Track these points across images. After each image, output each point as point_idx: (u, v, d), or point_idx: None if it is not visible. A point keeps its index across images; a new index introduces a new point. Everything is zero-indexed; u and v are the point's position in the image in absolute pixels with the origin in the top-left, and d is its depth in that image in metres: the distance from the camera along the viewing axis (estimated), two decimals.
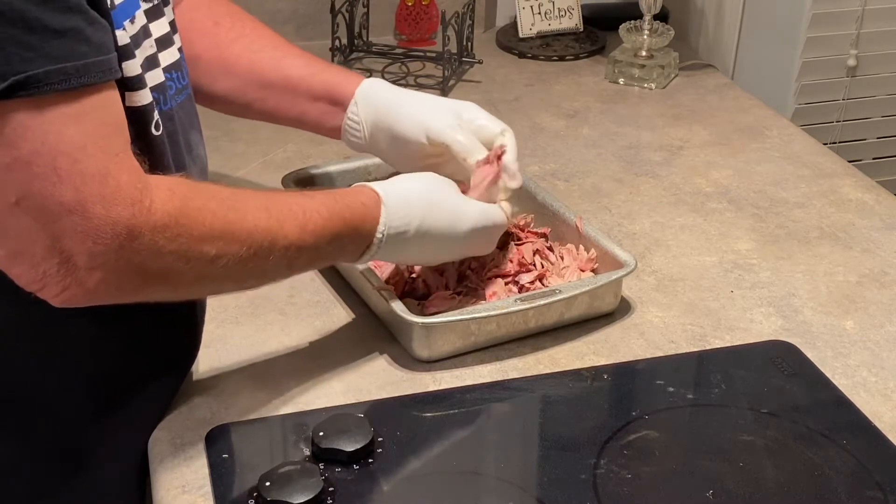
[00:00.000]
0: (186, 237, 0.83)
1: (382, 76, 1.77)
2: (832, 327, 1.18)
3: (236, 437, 0.99)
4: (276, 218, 0.91)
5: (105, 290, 0.81)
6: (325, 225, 0.95)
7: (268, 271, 0.93)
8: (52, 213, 0.77)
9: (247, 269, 0.89)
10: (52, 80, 0.75)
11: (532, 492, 0.95)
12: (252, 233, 0.88)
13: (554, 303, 1.11)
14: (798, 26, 2.03)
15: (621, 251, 1.17)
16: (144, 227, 0.80)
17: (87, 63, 0.77)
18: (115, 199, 0.78)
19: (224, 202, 0.88)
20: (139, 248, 0.80)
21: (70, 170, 0.76)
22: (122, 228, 0.78)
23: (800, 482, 0.96)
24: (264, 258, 0.90)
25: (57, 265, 0.78)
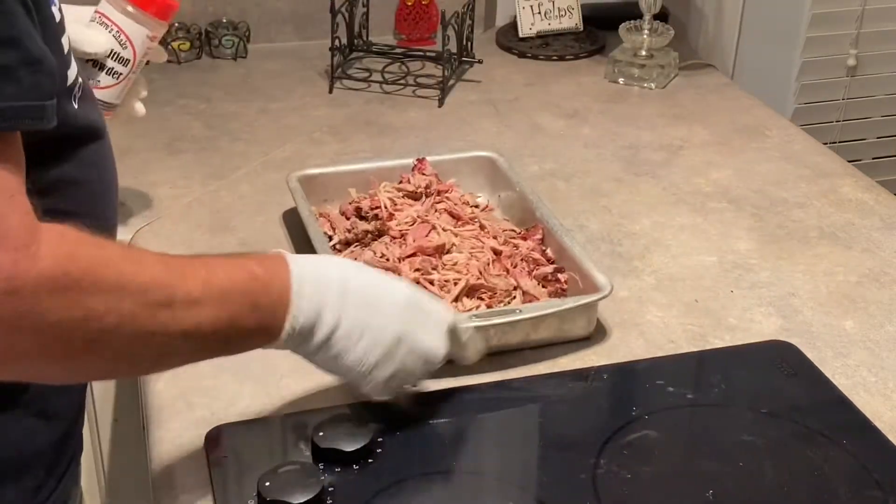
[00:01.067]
0: (74, 289, 0.73)
1: (382, 76, 1.77)
2: (832, 327, 1.18)
3: (236, 437, 0.99)
4: (177, 272, 0.80)
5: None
6: (230, 278, 0.83)
7: (173, 340, 0.80)
8: None
9: (145, 332, 0.78)
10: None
11: (532, 492, 0.95)
12: (148, 286, 0.77)
13: (511, 322, 1.08)
14: (798, 26, 2.03)
15: (600, 275, 1.13)
16: (28, 275, 0.71)
17: (14, 106, 0.71)
18: (1, 241, 0.70)
19: (117, 252, 0.79)
20: (17, 301, 0.71)
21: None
22: (3, 276, 0.70)
23: (800, 482, 0.96)
24: (165, 317, 0.78)
25: None
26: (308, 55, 1.86)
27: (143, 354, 0.80)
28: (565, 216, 1.36)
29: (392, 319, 0.92)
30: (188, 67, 1.82)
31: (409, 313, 0.94)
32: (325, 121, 1.64)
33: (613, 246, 1.33)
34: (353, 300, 0.90)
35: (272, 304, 0.87)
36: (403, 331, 0.93)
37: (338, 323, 0.89)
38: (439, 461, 0.97)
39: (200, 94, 1.72)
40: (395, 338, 0.92)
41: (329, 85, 1.74)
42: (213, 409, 1.04)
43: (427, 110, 1.69)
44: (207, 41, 1.85)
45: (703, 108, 1.72)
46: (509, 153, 1.47)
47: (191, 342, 0.82)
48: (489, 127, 1.64)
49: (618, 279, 1.23)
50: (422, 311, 0.95)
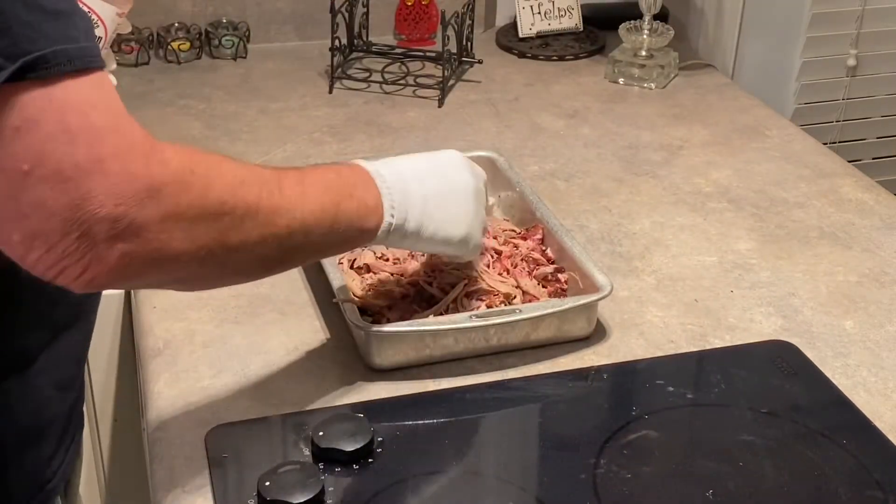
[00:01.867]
0: (204, 184, 0.80)
1: (382, 76, 1.77)
2: (832, 327, 1.18)
3: (236, 437, 0.99)
4: (269, 168, 0.90)
5: (127, 264, 0.76)
6: (326, 178, 0.93)
7: (290, 229, 0.88)
8: (67, 178, 0.73)
9: (268, 221, 0.85)
10: (59, 61, 0.73)
11: (532, 492, 0.95)
12: (261, 176, 0.86)
13: (511, 322, 1.09)
14: (798, 26, 2.03)
15: (600, 275, 1.13)
16: (163, 179, 0.76)
17: (82, 47, 0.74)
18: (131, 152, 0.75)
19: (229, 158, 0.86)
20: (160, 203, 0.76)
21: (81, 125, 0.73)
22: (142, 183, 0.75)
23: (800, 482, 0.96)
24: (281, 203, 0.86)
25: (76, 241, 0.74)
26: (308, 55, 1.86)
27: (267, 244, 0.86)
28: (565, 216, 1.36)
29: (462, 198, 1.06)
30: (188, 67, 1.82)
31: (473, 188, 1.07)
32: (325, 121, 1.64)
33: (613, 246, 1.33)
34: (433, 206, 1.02)
35: (365, 195, 0.96)
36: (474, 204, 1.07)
37: (423, 211, 1.01)
38: (439, 461, 0.97)
39: (200, 94, 1.72)
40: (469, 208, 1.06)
41: (329, 85, 1.74)
42: (213, 409, 1.04)
43: (427, 110, 1.69)
44: (207, 41, 1.86)
45: (703, 108, 1.72)
46: (509, 153, 1.47)
47: (310, 220, 0.90)
48: (489, 127, 1.64)
49: (618, 279, 1.23)
50: None
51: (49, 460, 0.96)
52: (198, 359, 1.10)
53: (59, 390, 0.95)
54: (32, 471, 0.94)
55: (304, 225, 0.89)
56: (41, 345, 0.92)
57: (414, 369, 1.08)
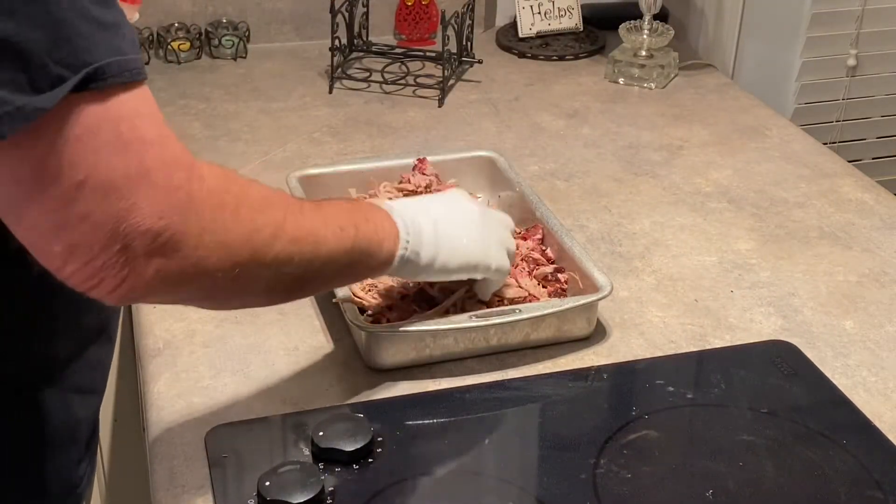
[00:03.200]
0: (235, 205, 0.81)
1: (382, 76, 1.77)
2: (832, 327, 1.18)
3: (236, 437, 0.99)
4: (300, 199, 0.92)
5: (163, 279, 0.78)
6: (343, 205, 0.97)
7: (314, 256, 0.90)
8: (118, 188, 0.74)
9: (294, 242, 0.87)
10: (114, 72, 0.74)
11: (532, 492, 0.95)
12: (286, 200, 0.89)
13: (511, 322, 1.09)
14: (798, 26, 2.03)
15: (600, 275, 1.13)
16: (202, 192, 0.78)
17: (129, 59, 0.75)
18: (175, 162, 0.77)
19: (256, 181, 0.87)
20: (198, 219, 0.78)
21: (131, 136, 0.74)
22: (184, 195, 0.76)
23: (800, 482, 0.96)
24: (305, 226, 0.89)
25: (117, 253, 0.75)
26: (308, 55, 1.86)
27: (293, 264, 0.88)
28: (565, 216, 1.36)
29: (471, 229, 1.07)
30: (188, 67, 1.82)
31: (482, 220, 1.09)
32: (325, 121, 1.64)
33: (613, 246, 1.33)
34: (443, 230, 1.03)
35: (383, 221, 0.99)
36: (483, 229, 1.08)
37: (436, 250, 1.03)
38: (439, 461, 0.97)
39: (200, 94, 1.72)
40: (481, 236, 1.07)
41: (329, 85, 1.74)
42: (213, 409, 1.04)
43: (427, 110, 1.69)
44: (207, 41, 1.85)
45: (703, 108, 1.72)
46: (509, 153, 1.47)
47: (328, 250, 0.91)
48: (489, 127, 1.64)
49: (618, 279, 1.23)
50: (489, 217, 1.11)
51: (78, 463, 0.97)
52: (198, 359, 1.10)
53: (84, 395, 0.96)
54: (65, 475, 0.95)
55: (326, 245, 0.91)
56: (69, 352, 0.93)
57: (414, 369, 1.08)
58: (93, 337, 0.95)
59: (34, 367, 0.91)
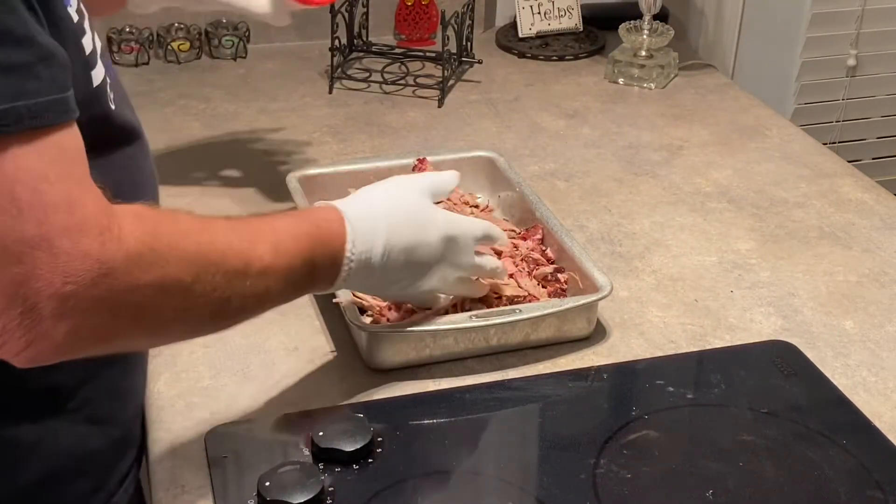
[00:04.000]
0: (161, 264, 0.76)
1: (382, 76, 1.77)
2: (832, 327, 1.18)
3: (236, 437, 0.99)
4: (247, 239, 0.85)
5: (75, 341, 0.73)
6: (295, 243, 0.89)
7: (246, 302, 0.85)
8: (12, 252, 0.69)
9: (224, 297, 0.82)
10: (3, 122, 0.69)
11: (532, 492, 0.95)
12: (225, 254, 0.82)
13: (511, 322, 1.08)
14: (798, 26, 2.03)
15: (600, 275, 1.13)
16: (117, 258, 0.73)
17: (40, 102, 0.70)
18: (82, 229, 0.71)
19: (192, 224, 0.82)
20: (112, 282, 0.73)
21: (31, 200, 0.69)
22: (94, 262, 0.71)
23: (800, 482, 0.96)
24: (241, 284, 0.83)
25: (19, 316, 0.70)
26: (308, 55, 1.86)
27: (218, 316, 0.85)
28: (565, 216, 1.36)
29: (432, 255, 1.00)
30: (188, 67, 1.82)
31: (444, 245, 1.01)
32: (325, 121, 1.64)
33: (613, 246, 1.33)
34: (395, 256, 0.97)
35: (331, 260, 0.93)
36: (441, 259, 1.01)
37: (384, 269, 0.97)
38: (439, 461, 0.97)
39: (200, 94, 1.72)
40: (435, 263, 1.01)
41: (329, 85, 1.74)
42: (213, 409, 1.04)
43: (427, 110, 1.69)
44: (207, 41, 1.85)
45: (703, 108, 1.72)
46: (509, 153, 1.47)
47: (262, 300, 0.88)
48: (489, 127, 1.64)
49: (618, 279, 1.23)
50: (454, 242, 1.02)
51: (94, 492, 0.95)
52: (198, 359, 1.10)
53: (99, 426, 0.94)
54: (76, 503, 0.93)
55: (256, 302, 0.87)
56: (76, 381, 0.90)
57: (414, 369, 1.08)
58: (104, 366, 0.91)
59: (35, 397, 0.88)
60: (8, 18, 0.70)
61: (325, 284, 0.95)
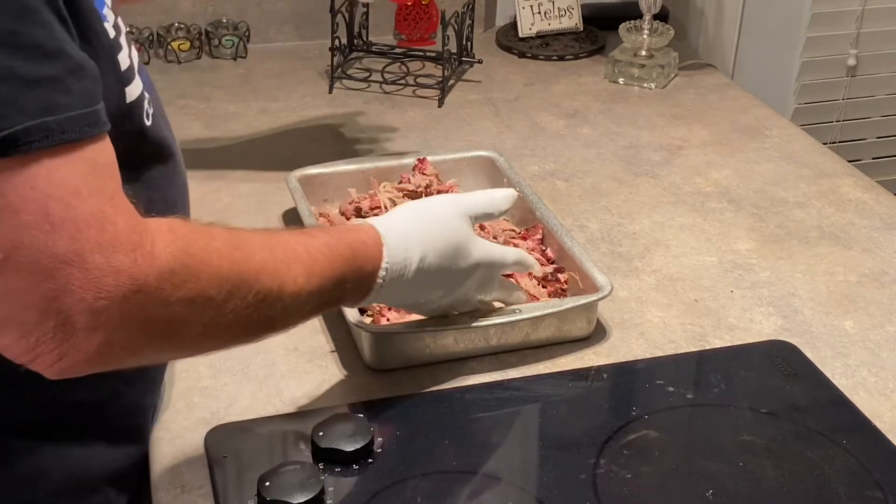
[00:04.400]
0: (194, 281, 0.76)
1: (382, 76, 1.77)
2: (832, 327, 1.18)
3: (236, 437, 0.99)
4: (282, 259, 0.84)
5: (107, 353, 0.73)
6: (329, 266, 0.89)
7: (275, 320, 0.85)
8: (45, 268, 0.69)
9: (255, 315, 0.82)
10: (33, 138, 0.68)
11: (532, 492, 0.95)
12: (259, 274, 0.81)
13: (511, 322, 1.08)
14: (798, 26, 2.03)
15: (600, 275, 1.13)
16: (149, 274, 0.73)
17: (70, 116, 0.70)
18: (114, 245, 0.71)
19: (227, 242, 0.81)
20: (144, 298, 0.73)
21: (63, 216, 0.69)
22: (126, 277, 0.71)
23: (800, 482, 0.96)
24: (273, 303, 0.83)
25: (52, 330, 0.70)
26: (308, 55, 1.86)
27: (248, 332, 0.84)
28: (565, 216, 1.36)
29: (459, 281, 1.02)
30: (188, 67, 1.82)
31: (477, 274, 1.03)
32: (325, 121, 1.64)
33: (613, 246, 1.33)
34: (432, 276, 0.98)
35: (361, 284, 0.93)
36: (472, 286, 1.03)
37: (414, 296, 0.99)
38: (439, 461, 0.97)
39: (200, 94, 1.72)
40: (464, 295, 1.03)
41: (329, 85, 1.74)
42: (213, 409, 1.04)
43: (427, 110, 1.69)
44: (207, 41, 1.85)
45: (703, 108, 1.72)
46: (509, 153, 1.47)
47: (293, 318, 0.88)
48: (489, 127, 1.64)
49: (618, 279, 1.23)
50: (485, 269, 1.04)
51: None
52: (198, 359, 1.10)
53: (107, 441, 0.93)
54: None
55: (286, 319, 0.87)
56: (98, 399, 0.90)
57: (414, 369, 1.08)
58: (128, 384, 0.92)
59: (56, 413, 0.88)
60: (38, 31, 0.70)
61: (352, 303, 0.97)
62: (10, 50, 0.68)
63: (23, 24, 0.69)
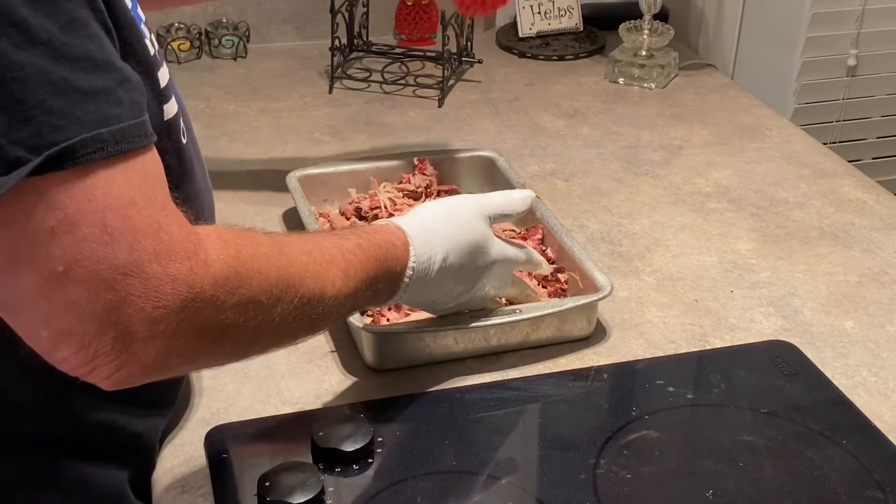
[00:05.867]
0: (246, 287, 0.77)
1: (382, 76, 1.77)
2: (832, 327, 1.18)
3: (236, 437, 0.99)
4: (321, 263, 0.86)
5: (162, 362, 0.74)
6: (363, 268, 0.91)
7: (316, 322, 0.87)
8: (105, 279, 0.69)
9: (299, 317, 0.84)
10: (89, 149, 0.69)
11: (532, 492, 0.95)
12: (304, 278, 0.83)
13: (511, 322, 1.09)
14: (798, 26, 2.03)
15: (600, 275, 1.13)
16: (205, 282, 0.74)
17: (123, 127, 0.71)
18: (170, 254, 0.72)
19: (272, 247, 0.82)
20: (200, 305, 0.73)
21: (121, 227, 0.70)
22: (183, 285, 0.72)
23: (800, 482, 0.96)
24: (315, 306, 0.85)
25: (112, 341, 0.71)
26: (308, 55, 1.86)
27: (292, 334, 0.86)
28: (565, 216, 1.36)
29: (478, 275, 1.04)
30: (188, 67, 1.82)
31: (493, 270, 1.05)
32: (325, 121, 1.64)
33: (613, 246, 1.33)
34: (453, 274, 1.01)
35: (390, 284, 0.95)
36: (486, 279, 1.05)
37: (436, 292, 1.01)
38: (439, 461, 0.97)
39: (200, 94, 1.72)
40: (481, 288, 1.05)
41: (329, 85, 1.74)
42: (213, 409, 1.04)
43: (427, 110, 1.69)
44: (207, 41, 1.85)
45: (703, 108, 1.72)
46: (509, 153, 1.47)
47: (330, 320, 0.90)
48: (489, 127, 1.64)
49: (618, 279, 1.23)
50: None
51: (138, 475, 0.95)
52: None
53: (143, 464, 0.95)
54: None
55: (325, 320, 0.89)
56: (125, 420, 0.91)
57: (414, 369, 1.08)
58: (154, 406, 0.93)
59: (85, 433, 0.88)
60: (88, 43, 0.71)
61: (378, 303, 0.99)
62: (64, 62, 0.69)
63: (74, 37, 0.70)
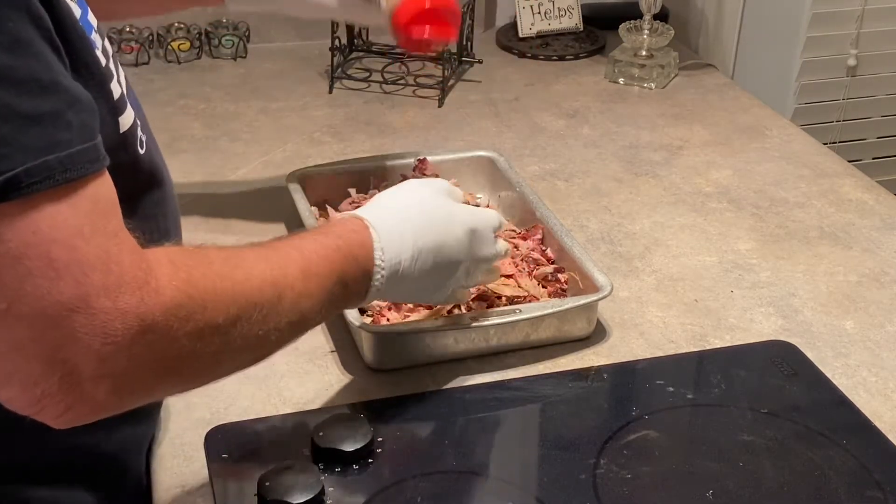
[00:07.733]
0: (200, 312, 0.73)
1: (382, 76, 1.77)
2: (832, 327, 1.18)
3: (236, 437, 0.99)
4: (278, 266, 0.82)
5: (115, 398, 0.71)
6: (325, 263, 0.87)
7: (283, 330, 0.83)
8: (49, 317, 0.66)
9: (262, 332, 0.79)
10: (35, 179, 0.65)
11: (532, 492, 0.95)
12: (262, 289, 0.79)
13: (511, 322, 1.08)
14: (798, 26, 2.03)
15: (600, 275, 1.13)
16: (156, 312, 0.69)
17: (72, 153, 0.67)
18: (120, 286, 0.68)
19: (226, 263, 0.78)
20: (152, 338, 0.70)
21: (67, 259, 0.66)
22: (133, 319, 0.68)
23: (800, 482, 0.96)
24: (277, 315, 0.81)
25: (58, 381, 0.67)
26: (308, 55, 1.86)
27: (258, 351, 0.82)
28: (565, 216, 1.36)
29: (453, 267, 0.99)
30: (188, 67, 1.82)
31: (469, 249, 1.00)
32: (325, 121, 1.64)
33: (613, 246, 1.33)
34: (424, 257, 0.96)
35: (362, 272, 0.91)
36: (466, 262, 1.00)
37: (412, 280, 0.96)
38: (439, 461, 0.97)
39: (200, 94, 1.72)
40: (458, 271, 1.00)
41: (329, 85, 1.74)
42: (213, 409, 1.04)
43: (427, 110, 1.69)
44: (207, 41, 1.85)
45: (703, 108, 1.72)
46: (509, 153, 1.47)
47: (297, 327, 0.85)
48: (489, 127, 1.64)
49: (618, 279, 1.23)
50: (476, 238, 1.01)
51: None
52: None
53: (115, 480, 0.93)
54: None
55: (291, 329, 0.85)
56: (95, 438, 0.88)
57: (414, 369, 1.08)
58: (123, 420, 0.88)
59: (52, 456, 0.86)
60: (33, 64, 0.67)
61: (358, 298, 0.93)
62: (7, 85, 0.65)
63: (17, 58, 0.65)
